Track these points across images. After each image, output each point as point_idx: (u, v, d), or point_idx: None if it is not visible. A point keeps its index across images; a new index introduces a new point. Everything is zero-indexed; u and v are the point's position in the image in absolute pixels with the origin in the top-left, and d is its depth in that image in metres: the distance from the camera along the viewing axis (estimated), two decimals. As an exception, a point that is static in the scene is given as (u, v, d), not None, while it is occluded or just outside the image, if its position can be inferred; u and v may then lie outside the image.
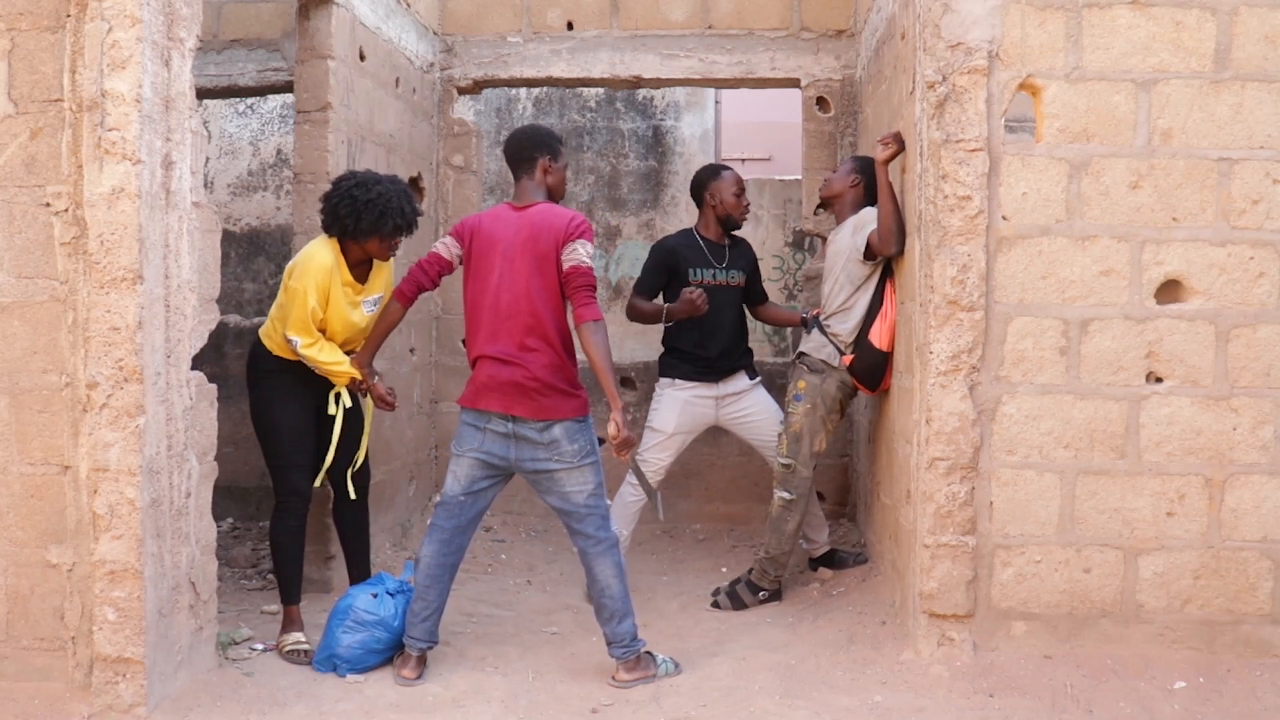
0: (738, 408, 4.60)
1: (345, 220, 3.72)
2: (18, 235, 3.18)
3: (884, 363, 4.15)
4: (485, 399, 3.47)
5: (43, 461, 3.19)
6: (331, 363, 3.78)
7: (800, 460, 4.34)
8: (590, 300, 3.41)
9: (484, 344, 3.49)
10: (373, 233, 3.74)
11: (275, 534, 3.90)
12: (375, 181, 3.76)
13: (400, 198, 3.77)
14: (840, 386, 4.33)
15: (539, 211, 3.49)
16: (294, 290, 3.73)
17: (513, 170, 3.63)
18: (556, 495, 3.51)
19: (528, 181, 3.58)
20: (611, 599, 3.52)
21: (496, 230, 3.52)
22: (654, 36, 5.69)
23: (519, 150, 3.59)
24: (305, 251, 3.84)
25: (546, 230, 3.44)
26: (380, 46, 4.96)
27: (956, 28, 3.43)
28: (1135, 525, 3.49)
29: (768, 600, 4.39)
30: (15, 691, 3.18)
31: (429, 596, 3.59)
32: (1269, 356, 3.45)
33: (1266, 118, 3.42)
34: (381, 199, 3.71)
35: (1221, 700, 3.27)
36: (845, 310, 4.27)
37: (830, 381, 4.32)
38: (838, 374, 4.31)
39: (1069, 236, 3.47)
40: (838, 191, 4.41)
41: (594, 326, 3.38)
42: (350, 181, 3.77)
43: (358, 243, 3.79)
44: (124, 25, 3.03)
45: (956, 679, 3.39)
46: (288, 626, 3.84)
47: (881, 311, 4.15)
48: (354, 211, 3.70)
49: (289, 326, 3.75)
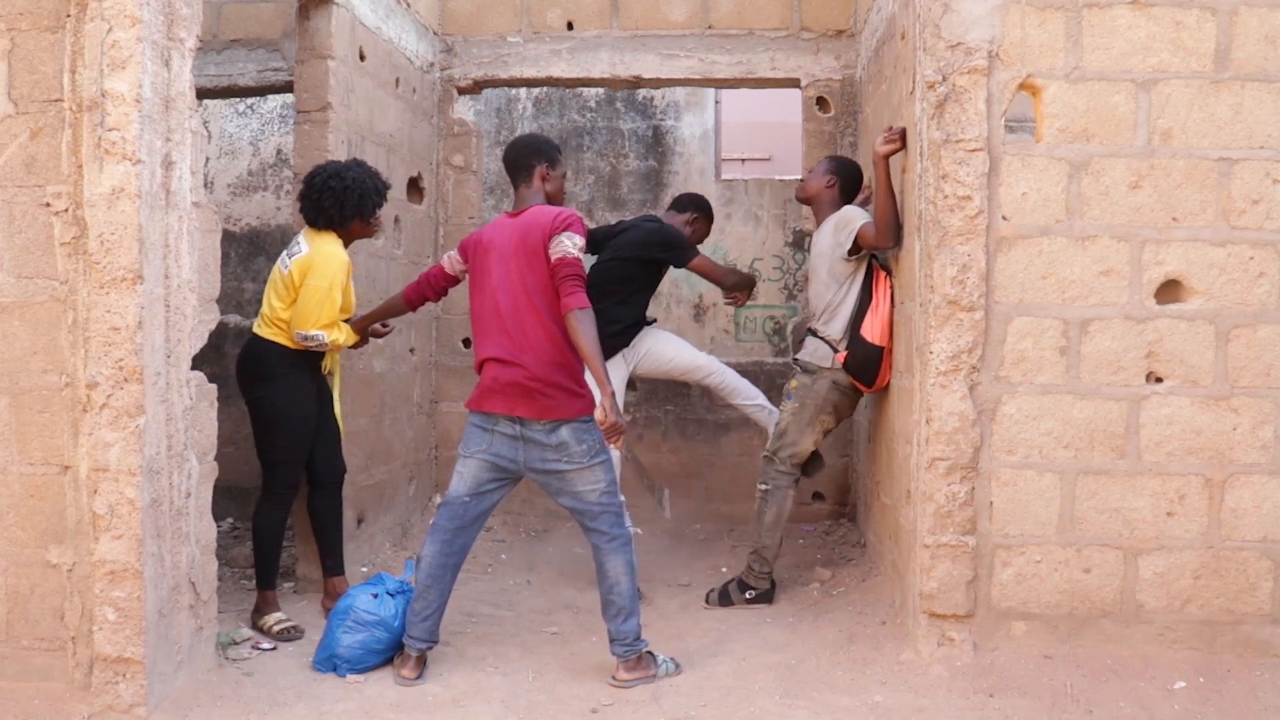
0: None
1: (330, 211, 3.99)
2: (18, 235, 3.17)
3: (878, 357, 4.14)
4: (490, 401, 3.48)
5: (43, 461, 3.19)
6: (345, 340, 4.05)
7: (779, 456, 4.37)
8: (576, 289, 3.40)
9: (488, 347, 3.51)
10: (356, 216, 4.04)
11: (264, 522, 4.04)
12: (345, 169, 4.04)
13: (371, 178, 4.08)
14: (833, 387, 4.32)
15: (530, 213, 3.53)
16: (317, 289, 3.91)
17: (511, 178, 3.67)
18: (569, 495, 3.52)
19: (525, 189, 3.62)
20: (619, 595, 3.52)
21: (494, 238, 3.57)
22: (654, 36, 5.69)
23: (517, 158, 3.64)
24: (321, 251, 3.96)
25: (535, 228, 3.46)
26: (380, 46, 4.96)
27: (956, 28, 3.43)
28: (1135, 525, 3.49)
29: (756, 600, 4.37)
30: (15, 691, 3.18)
31: (429, 596, 3.59)
32: (1269, 356, 3.45)
33: (1266, 118, 3.42)
34: (357, 183, 4.01)
35: (1221, 700, 3.27)
36: (833, 309, 4.29)
37: (821, 382, 4.33)
38: (830, 374, 4.31)
39: (1069, 236, 3.47)
40: (813, 193, 4.49)
41: (580, 314, 3.37)
42: (323, 174, 4.02)
43: (344, 229, 4.06)
44: (124, 25, 3.03)
45: (956, 679, 3.39)
46: (267, 609, 3.97)
47: (873, 305, 4.17)
48: (337, 201, 3.98)
49: (312, 324, 3.92)
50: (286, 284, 3.97)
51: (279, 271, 4.03)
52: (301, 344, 3.96)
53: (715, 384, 4.78)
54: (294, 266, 3.96)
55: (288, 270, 3.98)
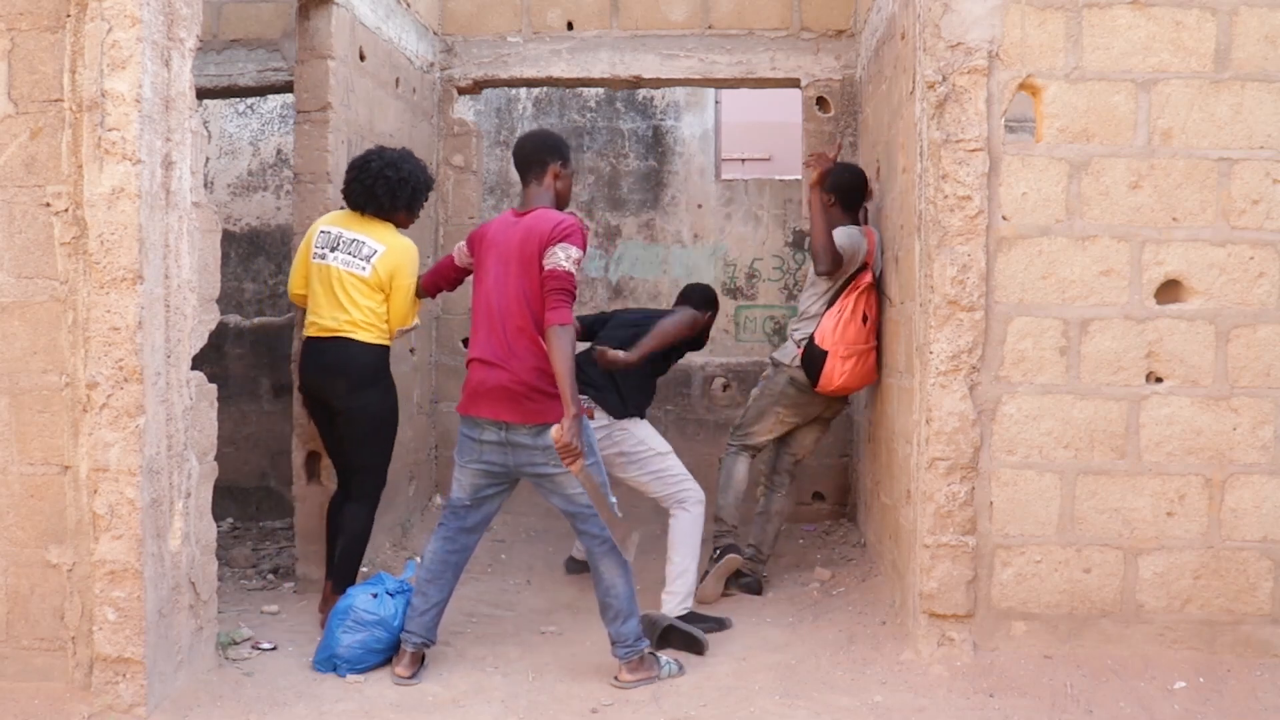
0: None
1: (382, 199, 3.99)
2: (18, 235, 3.17)
3: (820, 359, 4.36)
4: (476, 405, 3.48)
5: (43, 461, 3.19)
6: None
7: (735, 432, 4.72)
8: (560, 304, 3.33)
9: (477, 347, 3.51)
10: (405, 208, 4.07)
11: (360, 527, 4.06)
12: (401, 160, 4.03)
13: (423, 171, 4.11)
14: (791, 382, 4.55)
15: (534, 216, 3.47)
16: (408, 287, 4.00)
17: (521, 175, 3.59)
18: (560, 497, 3.51)
19: (536, 186, 3.55)
20: (616, 598, 3.52)
21: (496, 237, 3.53)
22: (654, 36, 5.69)
23: (531, 154, 3.56)
24: (400, 247, 4.00)
25: (535, 234, 3.41)
26: (380, 46, 4.96)
27: (956, 28, 3.43)
28: (1135, 525, 3.49)
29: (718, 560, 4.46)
30: (15, 691, 3.18)
31: (429, 592, 3.59)
32: (1269, 356, 3.45)
33: (1266, 118, 3.42)
34: (412, 176, 4.03)
35: (1221, 700, 3.27)
36: (808, 315, 4.52)
37: (781, 376, 4.59)
38: (789, 370, 4.55)
39: (1069, 236, 3.47)
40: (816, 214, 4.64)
41: (558, 331, 3.31)
42: (379, 162, 3.99)
43: (390, 218, 4.05)
44: (124, 25, 3.03)
45: (956, 679, 3.39)
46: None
47: (830, 311, 4.37)
48: (390, 191, 3.98)
49: (409, 319, 4.06)
50: (373, 285, 3.93)
51: (349, 274, 3.92)
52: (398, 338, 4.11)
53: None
54: (378, 266, 3.92)
55: (367, 272, 3.92)
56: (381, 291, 3.95)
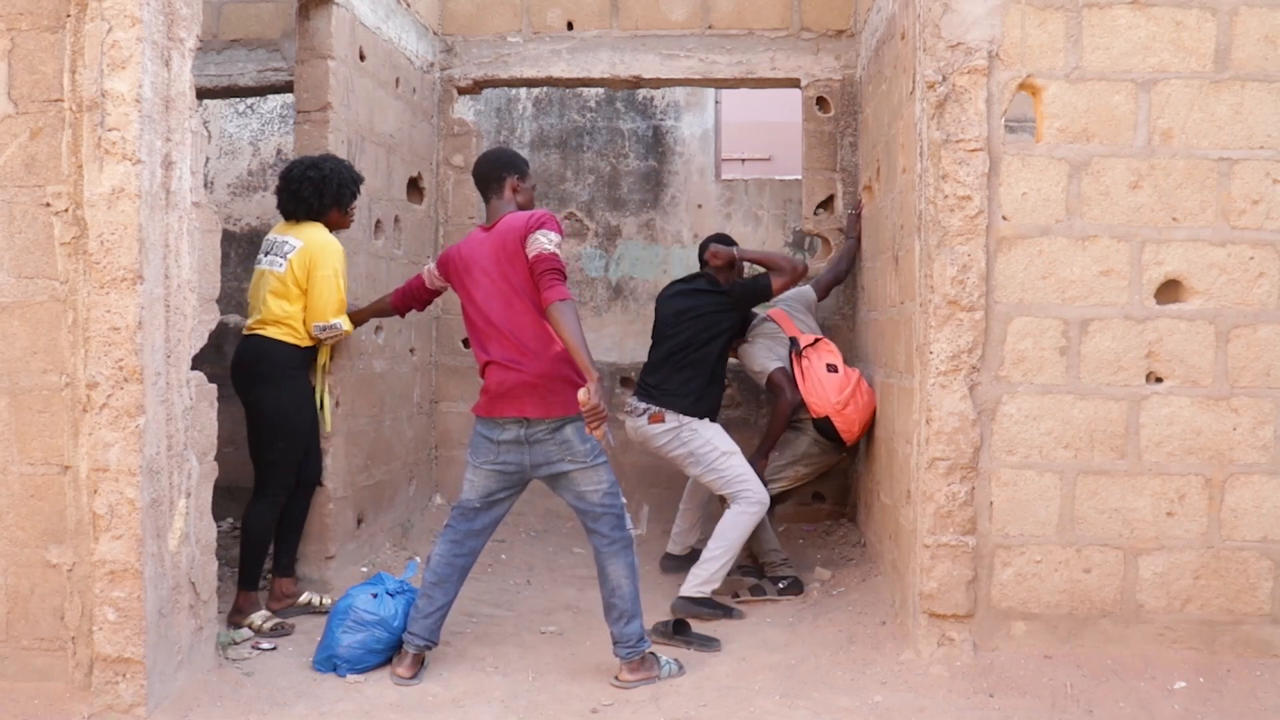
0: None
1: (310, 200, 4.08)
2: (18, 235, 3.17)
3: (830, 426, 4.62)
4: (498, 406, 3.50)
5: (43, 461, 3.19)
6: (350, 329, 4.14)
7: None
8: (555, 282, 3.38)
9: (489, 350, 3.53)
10: (334, 205, 4.13)
11: (257, 523, 4.04)
12: (320, 161, 4.12)
13: (347, 169, 4.17)
14: (815, 443, 4.76)
15: (503, 221, 3.54)
16: (327, 278, 4.00)
17: (482, 193, 3.69)
18: (573, 494, 3.53)
19: (497, 201, 3.64)
20: (621, 599, 3.53)
21: (472, 254, 3.58)
22: (654, 36, 5.69)
23: (489, 171, 3.67)
24: (316, 241, 4.02)
25: (511, 232, 3.47)
26: (380, 46, 4.96)
27: (956, 28, 3.43)
28: (1135, 525, 3.49)
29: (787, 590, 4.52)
30: (15, 691, 3.17)
31: (434, 594, 3.60)
32: (1269, 356, 3.45)
33: (1266, 118, 3.42)
34: (334, 173, 4.10)
35: (1221, 700, 3.27)
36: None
37: (803, 440, 4.79)
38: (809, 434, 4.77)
39: (1069, 236, 3.47)
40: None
41: (560, 306, 3.35)
42: (300, 167, 4.10)
43: (322, 219, 4.13)
44: (124, 25, 3.03)
45: (956, 679, 3.39)
46: (249, 609, 3.97)
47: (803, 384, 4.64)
48: (316, 190, 4.07)
49: (328, 313, 4.01)
50: (286, 281, 3.98)
51: (271, 272, 4.02)
52: (319, 336, 4.03)
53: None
54: (293, 262, 3.97)
55: (284, 268, 3.98)
56: (298, 287, 4.00)
